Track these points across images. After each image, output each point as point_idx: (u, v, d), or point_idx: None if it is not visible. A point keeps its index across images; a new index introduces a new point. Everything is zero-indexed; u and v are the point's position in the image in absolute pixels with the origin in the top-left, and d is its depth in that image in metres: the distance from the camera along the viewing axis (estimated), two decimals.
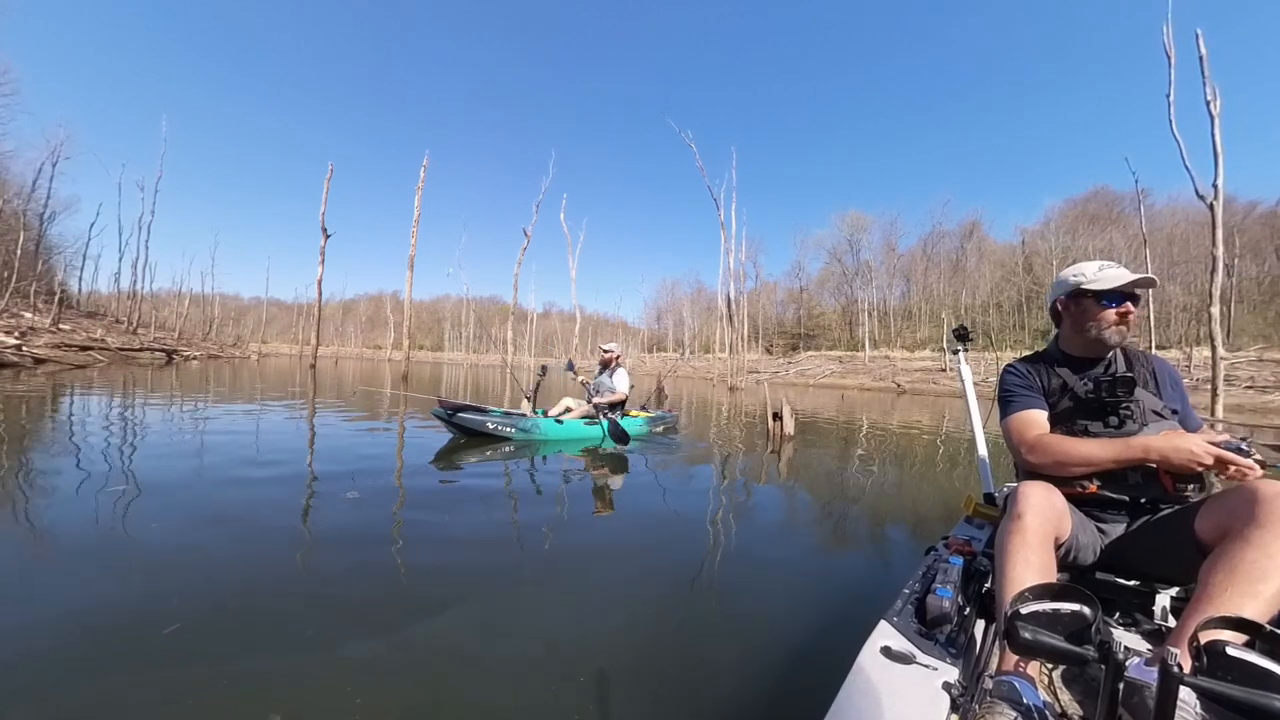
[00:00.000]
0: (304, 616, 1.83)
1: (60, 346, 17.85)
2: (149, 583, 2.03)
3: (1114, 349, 1.51)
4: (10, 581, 2.02)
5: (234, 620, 1.78)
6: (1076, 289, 1.49)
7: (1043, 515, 1.18)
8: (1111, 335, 1.46)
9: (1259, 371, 21.13)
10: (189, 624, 1.73)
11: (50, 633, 1.66)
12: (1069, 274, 1.54)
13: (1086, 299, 1.48)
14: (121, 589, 1.98)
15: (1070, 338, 1.57)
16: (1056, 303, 1.57)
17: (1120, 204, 39.13)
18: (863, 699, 0.87)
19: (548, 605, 2.06)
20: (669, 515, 3.48)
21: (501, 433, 5.58)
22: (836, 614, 2.10)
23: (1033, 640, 0.66)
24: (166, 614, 1.77)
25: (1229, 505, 1.10)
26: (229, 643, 1.65)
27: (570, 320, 31.78)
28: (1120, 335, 1.46)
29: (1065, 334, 1.59)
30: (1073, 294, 1.51)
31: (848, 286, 52.23)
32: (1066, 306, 1.54)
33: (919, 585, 1.22)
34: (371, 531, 2.75)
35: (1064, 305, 1.55)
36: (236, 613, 1.83)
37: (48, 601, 1.85)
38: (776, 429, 7.08)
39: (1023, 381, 1.56)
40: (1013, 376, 1.60)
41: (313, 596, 2.00)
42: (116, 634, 1.67)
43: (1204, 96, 10.40)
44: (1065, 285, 1.53)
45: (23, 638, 1.63)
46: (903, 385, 28.23)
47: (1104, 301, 1.45)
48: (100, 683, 1.44)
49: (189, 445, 4.81)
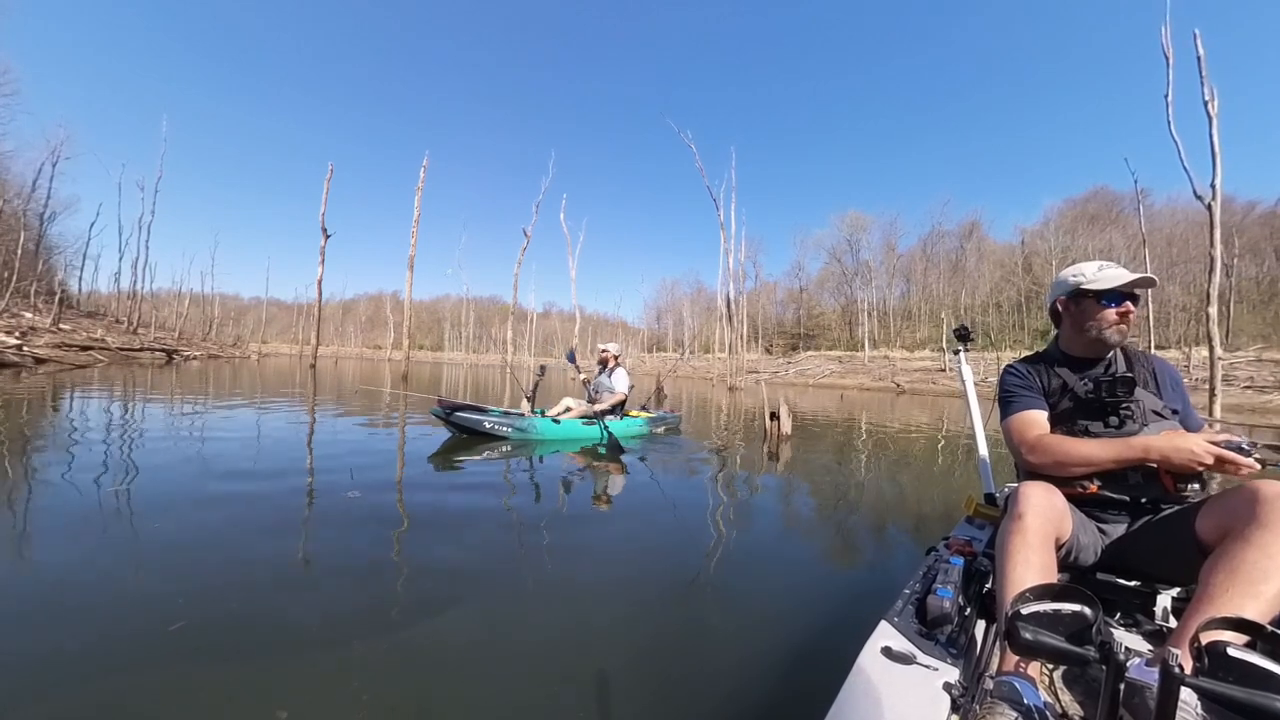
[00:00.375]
0: (305, 615, 1.85)
1: (61, 346, 17.88)
2: (153, 580, 2.05)
3: (1114, 349, 1.51)
4: (15, 580, 2.04)
5: (238, 618, 1.79)
6: (1076, 289, 1.50)
7: (1043, 515, 1.18)
8: (1112, 335, 1.46)
9: (1258, 371, 21.17)
10: (194, 621, 1.74)
11: (53, 629, 1.67)
12: (1068, 274, 1.55)
13: (1087, 299, 1.48)
14: (126, 586, 2.00)
15: (1070, 338, 1.57)
16: (1057, 303, 1.57)
17: (1120, 204, 39.19)
18: (863, 699, 0.87)
19: (548, 605, 2.07)
20: (668, 515, 3.49)
21: (499, 432, 5.60)
22: (837, 614, 2.10)
23: (1033, 641, 0.67)
24: (171, 611, 1.79)
25: (1230, 505, 1.10)
26: (232, 640, 1.66)
27: (570, 320, 31.78)
28: (1120, 335, 1.47)
29: (1065, 334, 1.59)
30: (1073, 294, 1.51)
31: (847, 286, 52.30)
32: (1067, 306, 1.55)
33: (920, 585, 1.22)
34: (371, 530, 2.77)
35: (1064, 305, 1.55)
36: (241, 611, 1.84)
37: (52, 600, 1.87)
38: (774, 428, 7.12)
39: (1023, 382, 1.56)
40: (1013, 377, 1.60)
41: (314, 595, 2.01)
42: (123, 631, 1.68)
43: (1202, 97, 10.43)
44: (1065, 285, 1.53)
45: (26, 635, 1.64)
46: (902, 385, 28.27)
47: (1104, 301, 1.46)
48: (105, 680, 1.44)
49: (191, 445, 4.83)
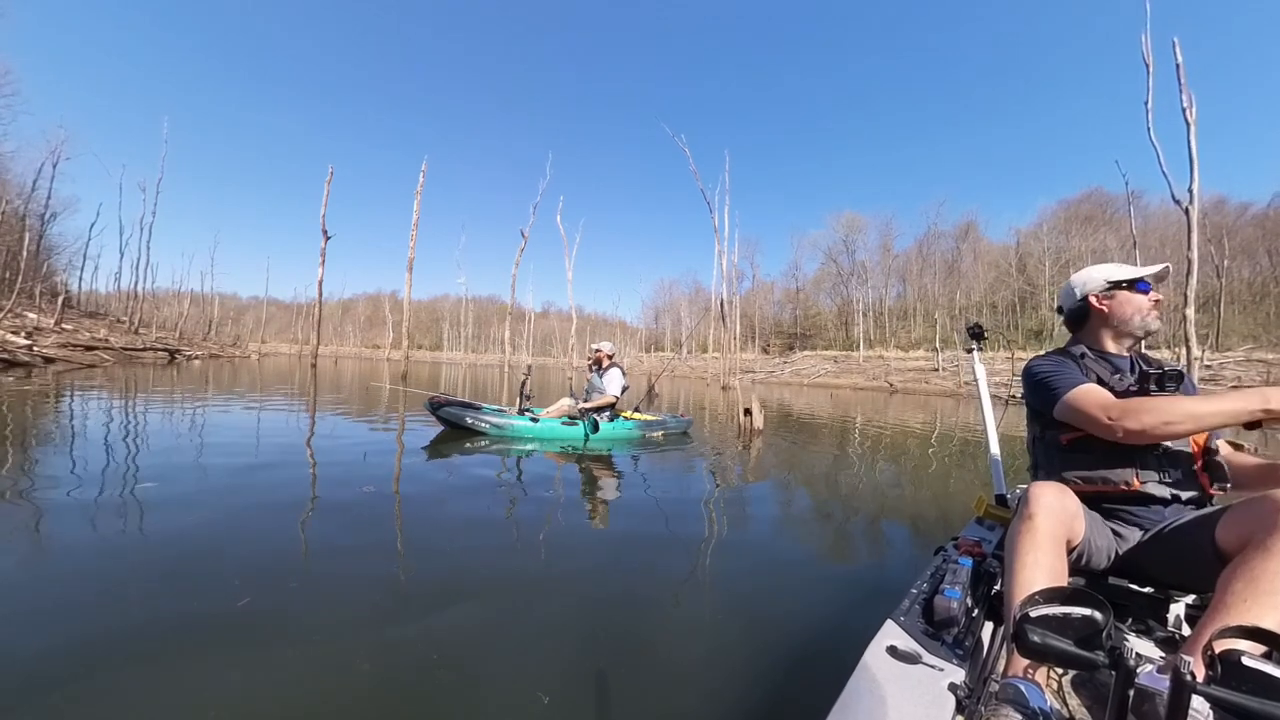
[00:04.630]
0: (305, 613, 1.87)
1: (67, 346, 18.12)
2: (169, 577, 2.09)
3: (1154, 334, 1.52)
4: (29, 577, 2.08)
5: (242, 618, 1.82)
6: (1110, 282, 1.50)
7: (1055, 517, 1.16)
8: (1153, 321, 1.48)
9: (1246, 372, 21.53)
10: (198, 619, 1.78)
11: (56, 628, 1.68)
12: (1090, 273, 1.56)
13: (1123, 289, 1.49)
14: (142, 583, 2.04)
15: (1104, 334, 1.54)
16: (1090, 300, 1.53)
17: (1113, 205, 39.43)
18: (868, 698, 0.86)
19: (548, 605, 2.05)
20: (663, 512, 3.47)
21: (478, 427, 5.80)
22: (841, 612, 2.10)
23: (1042, 644, 0.66)
24: (186, 607, 1.85)
25: (1254, 514, 1.07)
26: (235, 638, 1.68)
27: (568, 320, 32.01)
28: (1159, 323, 1.48)
29: (1096, 331, 1.55)
30: (1109, 287, 1.51)
31: (843, 287, 52.63)
32: (1103, 301, 1.52)
33: (927, 585, 1.21)
34: (370, 529, 2.80)
35: (1100, 300, 1.52)
36: (246, 610, 1.87)
37: (58, 598, 1.89)
38: (747, 423, 7.40)
39: (1061, 366, 1.48)
40: (1047, 364, 1.51)
41: (314, 594, 2.02)
42: (136, 627, 1.71)
43: (1180, 104, 10.74)
44: (1095, 282, 1.53)
45: (28, 633, 1.65)
46: (895, 385, 28.57)
47: (1140, 288, 1.48)
48: (111, 678, 1.45)
49: (205, 441, 5.01)
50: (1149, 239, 31.16)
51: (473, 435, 5.80)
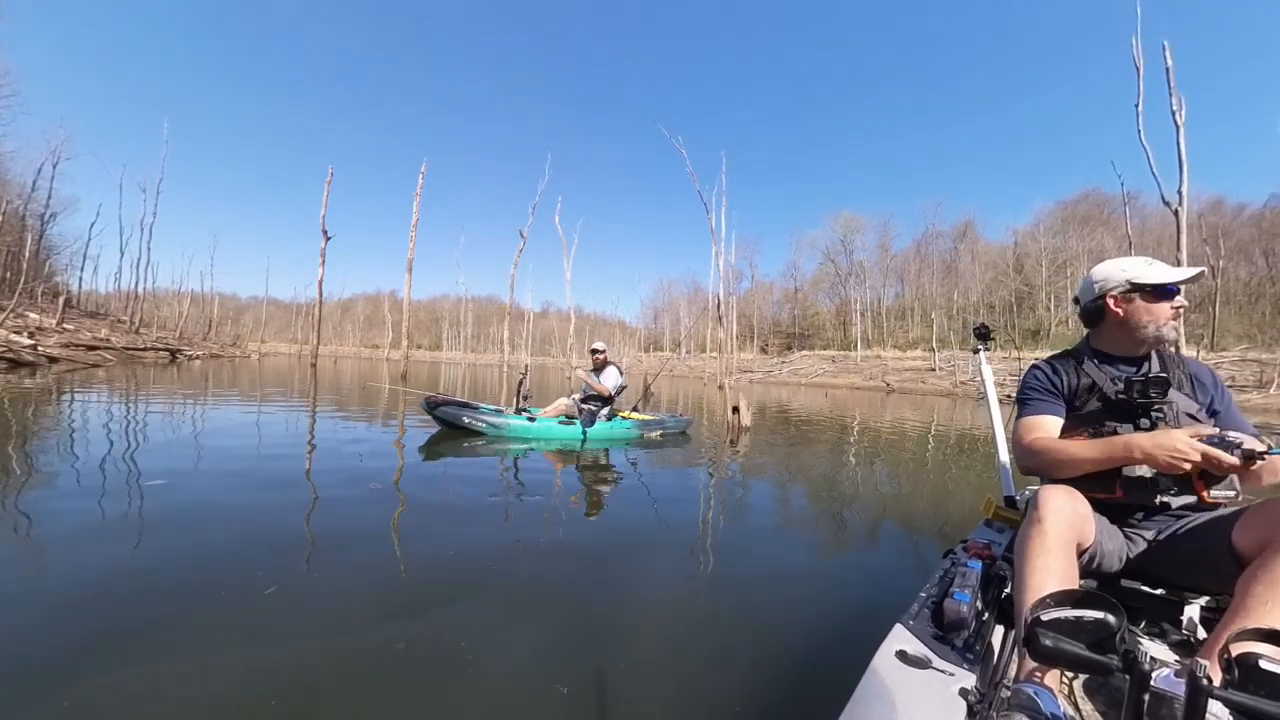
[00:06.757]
0: (307, 613, 1.88)
1: (70, 346, 18.23)
2: (178, 572, 2.12)
3: (1167, 345, 1.45)
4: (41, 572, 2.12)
5: (247, 616, 1.83)
6: (1131, 284, 1.41)
7: (1065, 520, 1.15)
8: (1169, 331, 1.39)
9: (1240, 371, 21.67)
10: (201, 617, 1.80)
11: (59, 626, 1.69)
12: (1114, 270, 1.45)
13: (1143, 293, 1.39)
14: (154, 577, 2.08)
15: (1115, 336, 1.47)
16: (1106, 299, 1.45)
17: (1110, 206, 39.56)
18: (877, 703, 0.85)
19: (549, 605, 2.05)
20: (662, 512, 3.46)
21: (475, 427, 5.77)
22: (847, 615, 2.08)
23: (1053, 648, 0.65)
24: (194, 602, 1.88)
25: (1272, 516, 1.06)
26: (236, 636, 1.70)
27: (567, 320, 32.16)
28: (1175, 332, 1.41)
29: (1108, 333, 1.49)
30: (1127, 290, 1.42)
31: (841, 287, 52.77)
32: (1119, 303, 1.43)
33: (936, 589, 1.20)
34: (369, 528, 2.83)
35: (1116, 301, 1.44)
36: (252, 608, 1.89)
37: (66, 598, 1.90)
38: (734, 421, 7.57)
39: (1043, 384, 1.49)
40: (1034, 379, 1.52)
41: (316, 594, 2.03)
42: (153, 620, 1.74)
43: (1170, 107, 10.90)
44: (1115, 281, 1.43)
45: (32, 632, 1.66)
46: (892, 384, 28.73)
47: (1162, 295, 1.38)
48: (120, 675, 1.46)
49: (209, 441, 5.06)
50: (1145, 239, 31.31)
51: (470, 435, 5.79)
